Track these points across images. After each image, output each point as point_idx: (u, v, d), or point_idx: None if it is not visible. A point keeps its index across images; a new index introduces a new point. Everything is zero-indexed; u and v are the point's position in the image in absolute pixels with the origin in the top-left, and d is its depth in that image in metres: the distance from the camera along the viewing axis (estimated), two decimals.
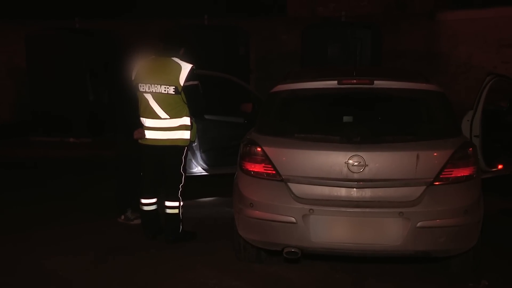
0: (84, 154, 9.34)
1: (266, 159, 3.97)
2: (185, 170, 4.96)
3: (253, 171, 4.04)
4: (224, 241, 4.79)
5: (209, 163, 6.36)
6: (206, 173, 6.39)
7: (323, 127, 4.29)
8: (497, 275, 4.18)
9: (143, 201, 5.04)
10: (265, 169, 3.98)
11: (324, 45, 9.70)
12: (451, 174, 3.81)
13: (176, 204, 4.93)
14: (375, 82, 4.17)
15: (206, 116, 6.21)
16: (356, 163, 3.77)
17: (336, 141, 3.93)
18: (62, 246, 4.89)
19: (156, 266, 4.44)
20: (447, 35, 10.99)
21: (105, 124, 9.82)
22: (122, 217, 5.53)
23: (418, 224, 3.69)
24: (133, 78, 4.90)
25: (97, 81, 10.36)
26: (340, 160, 3.80)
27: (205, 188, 6.67)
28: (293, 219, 3.80)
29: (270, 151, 3.99)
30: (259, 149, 4.02)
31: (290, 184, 3.89)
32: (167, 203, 4.96)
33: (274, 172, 3.94)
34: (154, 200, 5.05)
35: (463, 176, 3.84)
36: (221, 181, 6.14)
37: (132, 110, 4.93)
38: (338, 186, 3.82)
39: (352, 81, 4.23)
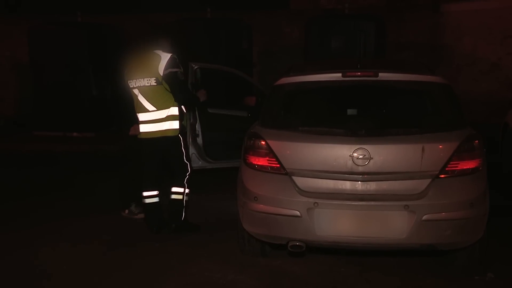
0: (87, 148, 9.35)
1: (270, 153, 3.95)
2: (189, 159, 5.03)
3: (257, 165, 4.02)
4: (228, 235, 4.78)
5: (213, 157, 6.35)
6: (209, 167, 6.37)
7: (327, 120, 4.25)
8: (503, 268, 4.16)
9: (145, 193, 5.07)
10: (269, 163, 3.96)
11: (327, 37, 9.65)
12: (456, 166, 3.77)
13: (181, 190, 4.99)
14: (380, 74, 4.13)
15: (210, 110, 6.20)
16: (360, 156, 3.74)
17: (341, 134, 3.90)
18: (65, 238, 4.90)
19: (160, 259, 4.43)
20: (451, 27, 10.92)
21: (108, 119, 9.83)
22: (126, 211, 5.53)
23: (424, 217, 3.66)
24: (124, 76, 5.00)
25: (100, 76, 10.35)
26: (344, 153, 3.78)
27: (208, 182, 6.66)
28: (297, 213, 3.78)
29: (274, 144, 3.97)
30: (263, 143, 4.00)
31: (294, 178, 3.87)
32: (173, 189, 5.04)
33: (278, 165, 3.92)
34: (155, 192, 5.08)
35: (469, 168, 3.80)
36: (224, 175, 6.14)
37: (128, 107, 5.03)
38: (343, 179, 3.79)
39: (357, 73, 4.20)
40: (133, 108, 5.00)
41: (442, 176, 3.75)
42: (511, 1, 10.07)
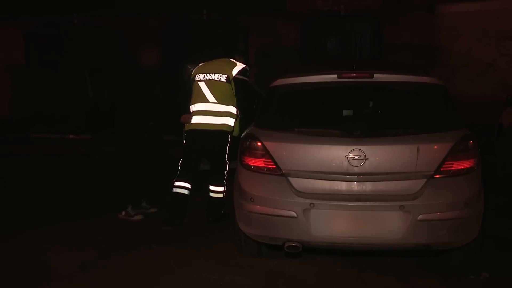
0: (83, 150, 9.33)
1: (266, 154, 3.97)
2: (229, 158, 5.23)
3: (254, 166, 4.04)
4: (225, 236, 4.80)
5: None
6: (206, 169, 6.38)
7: (323, 121, 4.28)
8: (498, 267, 4.19)
9: (178, 183, 5.27)
10: (265, 164, 3.98)
11: (323, 39, 9.68)
12: (451, 167, 3.80)
13: (221, 189, 5.28)
14: (375, 75, 4.16)
15: None
16: (356, 157, 3.76)
17: (336, 135, 3.92)
18: (63, 242, 4.89)
19: (157, 261, 4.44)
20: (447, 28, 10.96)
21: (105, 121, 9.83)
22: (123, 213, 5.53)
23: (419, 217, 3.69)
24: (192, 73, 5.41)
25: (96, 78, 10.35)
26: (340, 154, 3.80)
27: (206, 183, 6.65)
28: (293, 214, 3.80)
29: (270, 145, 3.98)
30: (259, 144, 4.01)
31: (290, 179, 3.88)
32: (212, 188, 5.30)
33: (274, 166, 3.93)
34: (189, 185, 5.29)
35: (464, 168, 3.83)
36: None
37: (185, 100, 5.38)
38: (339, 180, 3.81)
39: (352, 74, 4.22)
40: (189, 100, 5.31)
41: (437, 176, 3.78)
42: (506, 3, 10.11)
